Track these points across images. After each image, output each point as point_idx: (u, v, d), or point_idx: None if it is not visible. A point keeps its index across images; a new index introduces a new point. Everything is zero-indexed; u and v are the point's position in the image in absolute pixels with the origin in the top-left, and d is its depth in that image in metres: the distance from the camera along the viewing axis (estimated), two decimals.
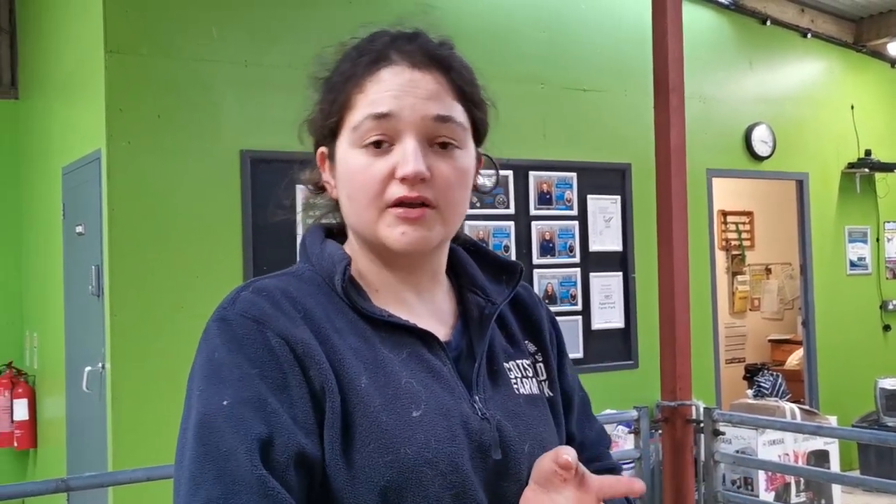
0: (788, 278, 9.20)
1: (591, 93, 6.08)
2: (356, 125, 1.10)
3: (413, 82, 1.10)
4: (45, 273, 5.86)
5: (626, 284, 6.11)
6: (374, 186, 1.08)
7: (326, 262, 1.13)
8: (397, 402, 1.04)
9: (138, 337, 4.58)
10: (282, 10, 5.09)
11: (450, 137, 1.11)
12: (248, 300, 1.06)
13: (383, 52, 1.12)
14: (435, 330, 1.13)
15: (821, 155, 7.21)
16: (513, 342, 1.22)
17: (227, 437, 0.96)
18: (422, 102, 1.09)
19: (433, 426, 1.04)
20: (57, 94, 5.65)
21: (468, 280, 1.22)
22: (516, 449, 1.10)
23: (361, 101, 1.10)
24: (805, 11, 7.11)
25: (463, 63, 1.16)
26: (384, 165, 1.08)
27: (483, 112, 1.19)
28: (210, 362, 1.02)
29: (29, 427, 6.04)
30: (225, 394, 0.98)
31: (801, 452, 5.32)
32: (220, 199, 4.86)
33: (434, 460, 1.02)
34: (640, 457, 4.04)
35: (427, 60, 1.12)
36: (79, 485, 2.73)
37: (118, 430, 4.53)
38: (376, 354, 1.07)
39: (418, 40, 1.14)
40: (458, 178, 1.12)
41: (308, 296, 1.09)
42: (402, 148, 1.08)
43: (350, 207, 1.12)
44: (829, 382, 7.06)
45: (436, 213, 1.10)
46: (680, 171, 3.86)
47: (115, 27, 4.66)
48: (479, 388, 1.11)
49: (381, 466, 1.01)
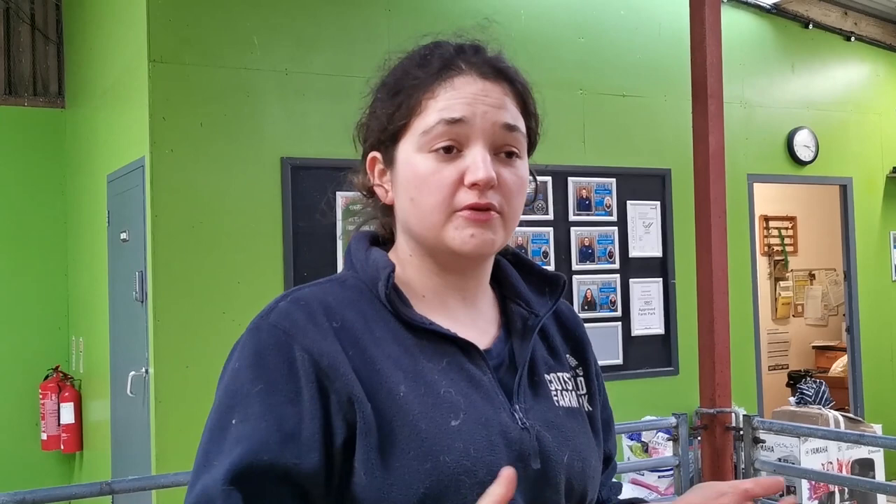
0: (833, 284, 9.08)
1: (630, 98, 6.06)
2: (427, 129, 1.11)
3: (485, 91, 1.13)
4: (91, 279, 5.97)
5: (666, 290, 6.07)
6: (444, 190, 1.10)
7: (371, 269, 1.14)
8: (436, 411, 1.06)
9: (181, 342, 4.65)
10: (322, 18, 5.14)
11: (514, 146, 1.14)
12: (283, 311, 1.09)
13: (452, 60, 1.14)
14: (478, 339, 1.14)
15: (865, 159, 7.12)
16: (554, 355, 1.23)
17: (220, 452, 1.02)
18: (493, 111, 1.12)
19: (472, 435, 1.06)
20: (102, 103, 5.76)
21: (512, 290, 1.23)
22: (556, 459, 1.11)
23: (433, 106, 1.12)
24: (848, 14, 7.02)
25: (522, 76, 1.20)
26: (454, 171, 1.10)
27: (537, 125, 1.22)
28: (231, 373, 1.07)
29: (75, 430, 6.14)
30: (234, 411, 1.04)
31: (844, 461, 5.25)
32: (262, 205, 4.92)
33: (473, 469, 1.04)
34: (679, 464, 4.01)
35: (494, 72, 1.15)
36: (122, 488, 2.78)
37: (161, 433, 4.59)
38: (416, 363, 1.09)
39: (482, 53, 1.17)
40: (520, 187, 1.15)
41: (349, 304, 1.12)
42: (472, 154, 1.11)
43: (413, 211, 1.13)
44: (875, 390, 6.95)
45: (500, 218, 1.12)
46: (719, 177, 3.84)
47: (159, 37, 4.74)
48: (519, 397, 1.13)
49: (421, 474, 1.02)
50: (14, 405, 6.29)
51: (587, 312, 5.83)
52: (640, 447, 5.39)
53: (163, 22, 4.76)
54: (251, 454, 1.00)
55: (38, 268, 6.44)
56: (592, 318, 5.83)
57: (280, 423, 1.02)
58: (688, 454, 4.03)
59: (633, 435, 5.35)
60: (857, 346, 6.94)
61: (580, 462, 1.14)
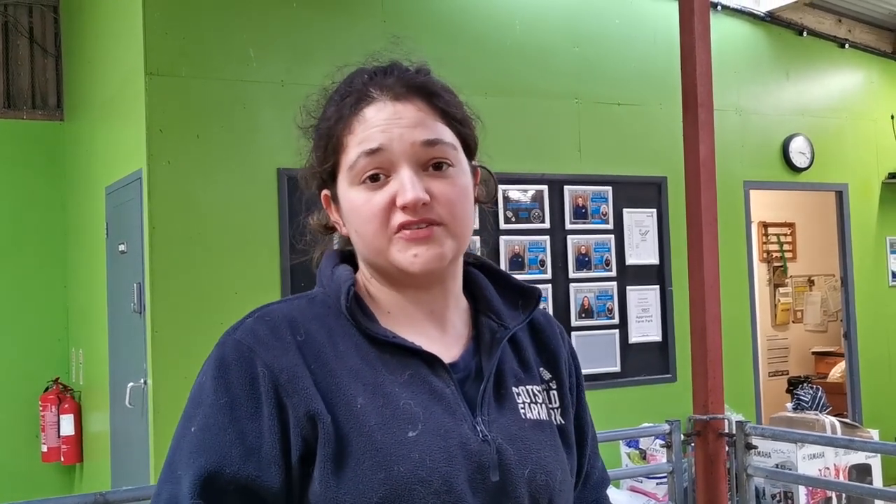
0: (832, 290, 9.09)
1: (625, 107, 6.09)
2: (351, 164, 1.14)
3: (396, 114, 1.14)
4: (90, 291, 5.99)
5: (664, 298, 6.09)
6: (378, 217, 1.13)
7: (335, 285, 1.17)
8: (393, 422, 1.08)
9: (179, 353, 4.67)
10: (317, 30, 5.18)
11: (441, 157, 1.15)
12: (248, 327, 1.13)
13: (363, 90, 1.17)
14: (444, 352, 1.16)
15: (860, 165, 7.14)
16: (525, 367, 1.23)
17: (183, 463, 1.06)
18: (408, 131, 1.14)
19: (429, 446, 1.07)
20: (100, 116, 5.79)
21: (484, 303, 1.24)
22: (515, 472, 1.12)
23: (352, 141, 1.15)
24: (842, 22, 7.05)
25: (442, 85, 1.20)
26: (384, 196, 1.13)
27: (469, 128, 1.22)
28: (198, 386, 1.12)
29: (75, 442, 6.16)
30: (196, 419, 1.08)
31: (841, 466, 5.26)
32: (259, 216, 4.95)
33: (428, 479, 1.05)
34: (673, 470, 4.03)
35: (406, 91, 1.16)
36: (116, 498, 2.80)
37: (160, 444, 4.61)
38: (376, 375, 1.11)
39: (395, 72, 1.18)
40: (458, 195, 1.16)
41: (314, 318, 1.15)
42: (399, 178, 1.13)
43: (360, 242, 1.17)
44: (872, 395, 6.96)
45: (443, 229, 1.13)
46: (709, 185, 3.87)
47: (155, 50, 4.78)
48: (483, 409, 1.14)
49: (374, 483, 1.04)
50: (14, 417, 6.31)
51: (584, 320, 5.85)
52: (639, 454, 5.40)
53: (159, 35, 4.79)
54: (215, 466, 1.04)
55: (38, 280, 6.47)
56: (590, 326, 5.85)
57: (242, 437, 1.06)
58: (681, 461, 4.04)
59: (632, 442, 5.37)
60: (854, 351, 6.95)
61: (544, 475, 1.14)
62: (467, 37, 5.46)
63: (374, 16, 5.27)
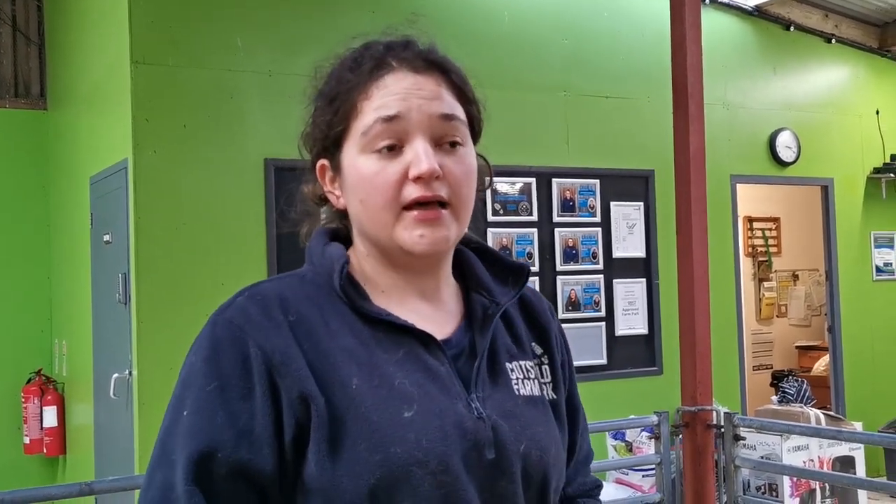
0: (816, 284, 9.14)
1: (613, 100, 6.09)
2: (366, 130, 1.12)
3: (417, 84, 1.13)
4: (74, 282, 5.95)
5: (650, 291, 6.10)
6: (390, 189, 1.11)
7: (326, 263, 1.15)
8: (389, 403, 1.07)
9: (164, 344, 4.64)
10: (305, 20, 5.15)
11: (455, 135, 1.14)
12: (239, 306, 1.11)
13: (383, 59, 1.15)
14: (437, 330, 1.15)
15: (846, 160, 7.17)
16: (518, 343, 1.23)
17: (176, 447, 1.05)
18: (427, 103, 1.13)
19: (425, 426, 1.06)
20: (84, 105, 5.74)
21: (475, 281, 1.23)
22: (511, 448, 1.11)
23: (368, 106, 1.13)
24: (829, 17, 7.08)
25: (455, 64, 1.20)
26: (398, 167, 1.11)
27: (478, 110, 1.22)
28: (188, 366, 1.10)
29: (58, 434, 6.12)
30: (187, 402, 1.07)
31: (826, 458, 5.28)
32: (245, 207, 4.92)
33: (425, 460, 1.05)
34: (661, 462, 4.04)
35: (425, 64, 1.15)
36: (102, 488, 2.78)
37: (145, 436, 4.58)
38: (371, 355, 1.10)
39: (412, 46, 1.17)
40: (466, 175, 1.15)
41: (305, 297, 1.13)
42: (413, 148, 1.11)
43: (364, 213, 1.14)
44: (856, 388, 7.00)
45: (450, 212, 1.12)
46: (699, 178, 3.87)
47: (141, 39, 4.73)
48: (477, 387, 1.13)
49: (371, 465, 1.03)
50: None
51: (571, 313, 5.85)
52: (625, 447, 5.41)
53: (145, 23, 4.75)
54: (207, 450, 1.03)
55: (21, 270, 6.41)
56: (576, 319, 5.86)
57: (234, 419, 1.04)
58: (669, 452, 4.05)
59: (618, 434, 5.37)
60: (838, 345, 6.99)
61: (538, 451, 1.14)
62: (456, 29, 5.44)
63: (362, 7, 5.24)
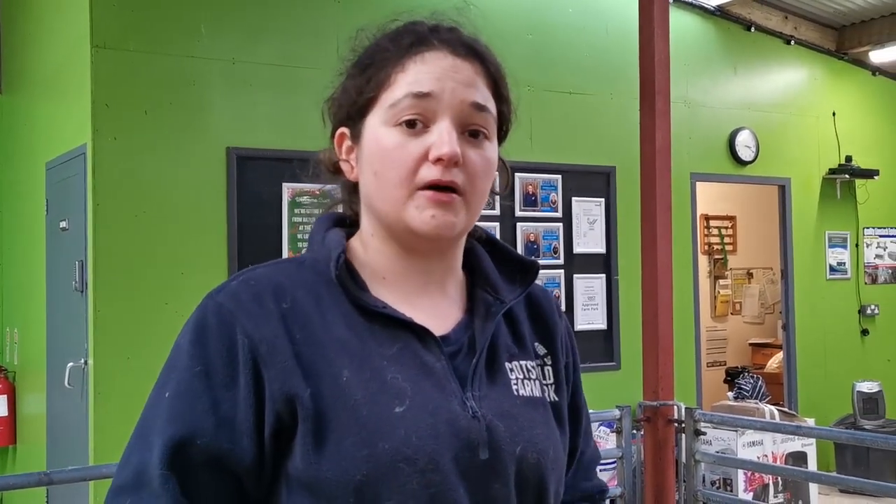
0: (769, 283, 9.27)
1: (577, 96, 6.11)
2: (394, 102, 1.09)
3: (455, 67, 1.11)
4: (27, 269, 5.83)
5: (609, 286, 6.14)
6: (407, 165, 1.08)
7: (325, 250, 1.13)
8: (380, 397, 1.04)
9: (122, 333, 4.58)
10: (270, 9, 5.09)
11: (482, 126, 1.12)
12: (231, 291, 1.08)
13: (425, 36, 1.13)
14: (436, 324, 1.12)
15: (803, 161, 7.28)
16: (520, 343, 1.19)
17: (155, 429, 1.03)
18: (462, 88, 1.10)
19: (415, 422, 1.03)
20: (42, 90, 5.63)
21: (481, 277, 1.20)
22: (506, 450, 1.08)
23: (402, 79, 1.10)
24: (789, 19, 7.17)
25: (496, 59, 1.18)
26: (419, 146, 1.08)
27: (509, 110, 1.19)
28: (176, 348, 1.08)
29: (8, 423, 6.01)
30: (170, 384, 1.05)
31: (779, 454, 5.37)
32: (206, 195, 4.86)
33: (413, 457, 1.02)
34: (622, 456, 4.06)
35: (467, 50, 1.14)
36: (61, 478, 2.73)
37: (100, 425, 4.52)
38: (364, 348, 1.07)
39: (456, 32, 1.16)
40: (486, 168, 1.12)
41: (302, 285, 1.10)
42: (438, 129, 1.08)
43: (376, 185, 1.11)
44: (808, 385, 7.12)
45: (462, 200, 1.10)
46: (665, 174, 3.90)
47: (102, 22, 4.65)
48: (474, 385, 1.10)
49: (357, 460, 1.00)
50: None
51: None
52: None
53: (107, 6, 4.67)
54: (186, 435, 1.01)
55: None
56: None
57: (216, 406, 1.02)
58: (630, 446, 4.08)
59: None
60: (792, 342, 7.09)
61: (535, 454, 1.10)
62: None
63: None
